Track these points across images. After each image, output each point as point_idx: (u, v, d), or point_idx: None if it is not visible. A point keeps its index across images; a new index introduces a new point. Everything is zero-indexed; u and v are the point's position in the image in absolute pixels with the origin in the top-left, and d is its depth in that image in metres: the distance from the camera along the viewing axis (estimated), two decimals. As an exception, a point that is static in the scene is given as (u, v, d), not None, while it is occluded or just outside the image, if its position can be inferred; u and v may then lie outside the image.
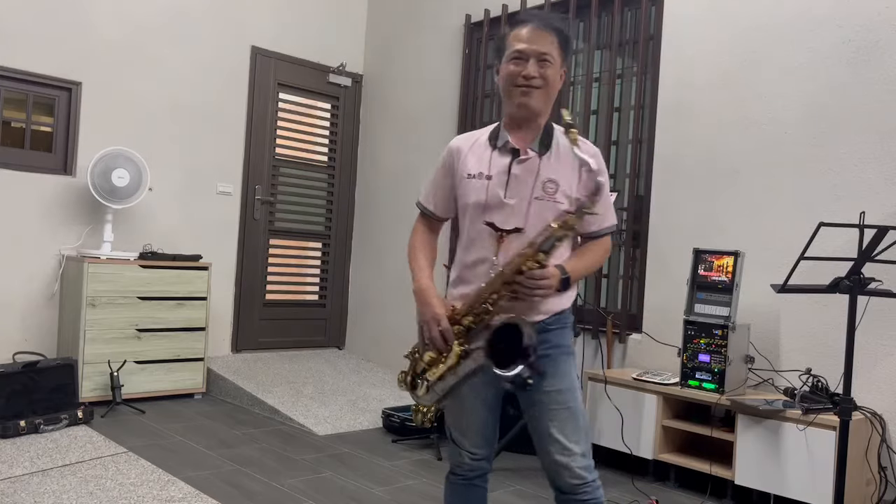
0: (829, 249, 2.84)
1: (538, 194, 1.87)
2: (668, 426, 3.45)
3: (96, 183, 4.37)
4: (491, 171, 1.91)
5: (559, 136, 1.93)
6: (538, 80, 1.86)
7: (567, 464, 1.87)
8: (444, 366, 1.87)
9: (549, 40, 1.87)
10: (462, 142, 2.01)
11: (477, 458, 2.01)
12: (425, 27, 5.41)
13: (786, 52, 3.56)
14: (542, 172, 1.89)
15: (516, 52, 1.87)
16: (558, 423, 1.88)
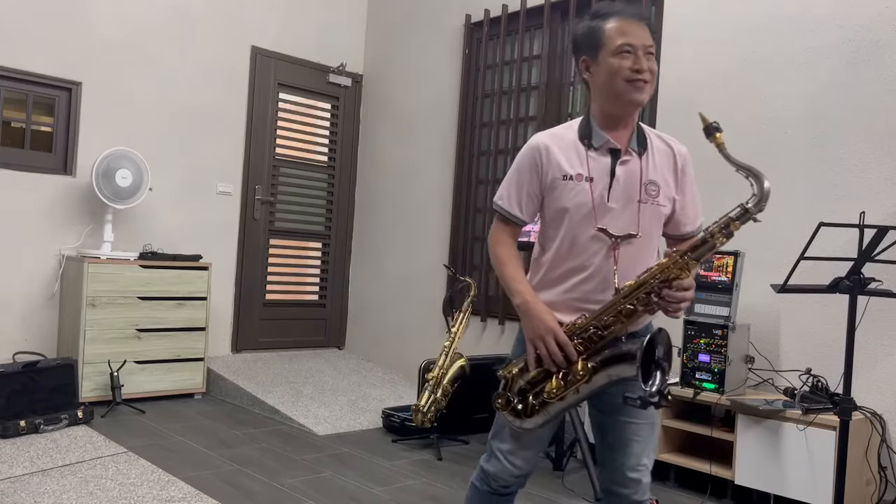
0: (829, 249, 2.84)
1: (642, 197, 1.78)
2: (668, 426, 3.44)
3: (100, 183, 4.37)
4: (591, 172, 1.77)
5: (651, 135, 1.85)
6: (647, 74, 1.75)
7: (639, 479, 1.81)
8: (565, 383, 1.70)
9: (647, 32, 1.77)
10: (548, 139, 1.83)
11: (518, 476, 1.87)
12: (425, 27, 5.41)
13: (786, 52, 3.56)
14: (644, 174, 1.79)
15: (626, 45, 1.73)
16: (640, 437, 1.79)
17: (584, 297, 1.78)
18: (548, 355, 1.70)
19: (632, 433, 1.79)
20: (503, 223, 1.88)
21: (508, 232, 1.88)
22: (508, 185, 1.86)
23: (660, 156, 1.83)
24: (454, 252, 5.02)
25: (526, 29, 4.77)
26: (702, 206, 1.90)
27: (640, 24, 1.76)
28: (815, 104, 3.45)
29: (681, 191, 1.85)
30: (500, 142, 4.89)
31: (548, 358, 1.71)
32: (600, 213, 1.76)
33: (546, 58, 4.64)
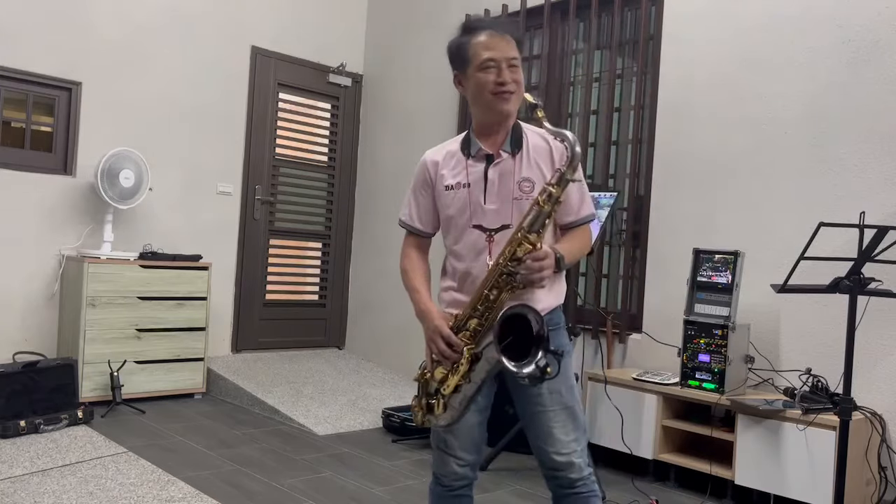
0: (829, 249, 2.84)
1: (516, 195, 1.88)
2: (668, 426, 3.45)
3: (104, 184, 4.37)
4: (469, 178, 1.92)
5: (529, 134, 1.95)
6: (512, 85, 1.88)
7: (568, 461, 1.88)
8: (457, 375, 1.82)
9: (512, 45, 1.89)
10: (434, 155, 2.02)
11: (464, 465, 1.95)
12: (425, 27, 5.41)
13: (786, 52, 3.56)
14: (518, 172, 1.90)
15: (489, 60, 1.87)
16: (559, 422, 1.88)
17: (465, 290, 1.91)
18: (439, 353, 1.83)
19: (549, 421, 1.88)
20: (407, 236, 2.09)
21: (414, 244, 2.07)
22: (408, 202, 2.08)
23: (536, 153, 1.92)
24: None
25: (526, 29, 4.76)
26: (585, 197, 1.95)
27: (503, 38, 1.88)
28: (815, 104, 3.45)
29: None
30: (500, 142, 4.88)
31: (439, 355, 1.84)
32: (477, 214, 1.90)
33: (546, 58, 4.64)
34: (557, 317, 1.94)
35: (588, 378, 3.72)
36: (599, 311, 4.16)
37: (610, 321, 4.01)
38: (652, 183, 4.03)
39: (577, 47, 4.58)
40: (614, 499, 3.21)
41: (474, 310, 1.82)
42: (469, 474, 1.98)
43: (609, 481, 3.41)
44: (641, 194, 4.12)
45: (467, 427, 1.92)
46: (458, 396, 1.83)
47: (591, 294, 4.36)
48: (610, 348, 3.98)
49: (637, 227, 4.12)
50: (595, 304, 4.25)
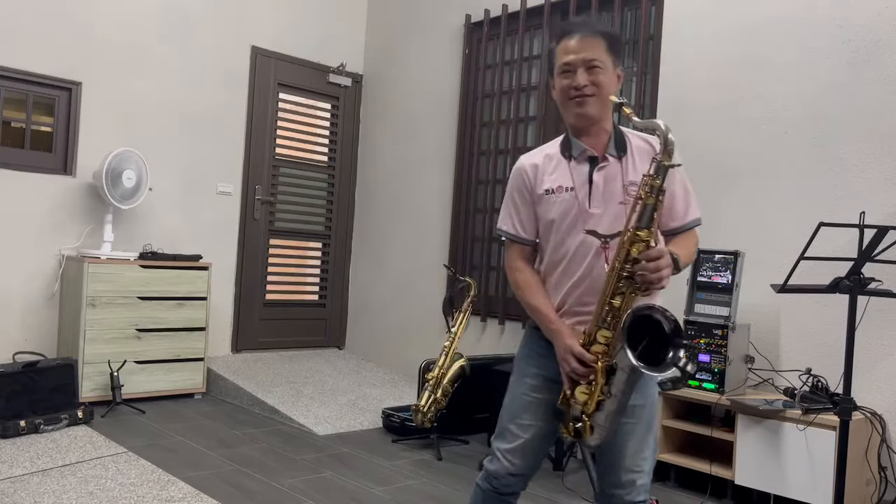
0: (829, 249, 2.84)
1: (622, 199, 1.81)
2: (668, 426, 3.45)
3: (109, 185, 4.37)
4: (573, 182, 1.84)
5: (631, 137, 1.89)
6: (590, 88, 1.82)
7: (634, 480, 1.83)
8: (596, 391, 1.72)
9: (595, 45, 1.83)
10: (532, 158, 1.94)
11: (514, 474, 1.90)
12: (425, 27, 5.41)
13: (786, 52, 3.56)
14: (625, 176, 1.83)
15: (565, 64, 1.84)
16: (635, 439, 1.82)
17: (578, 300, 1.83)
18: (573, 371, 1.74)
19: (627, 433, 1.81)
20: (513, 246, 1.96)
21: (520, 253, 1.95)
22: (507, 210, 1.96)
23: (640, 155, 1.86)
24: (454, 252, 5.02)
25: (526, 29, 4.77)
26: (694, 201, 1.93)
27: (584, 40, 1.83)
28: (815, 104, 3.45)
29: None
30: (500, 142, 4.89)
31: (573, 373, 1.74)
32: (583, 218, 1.82)
33: (546, 58, 4.64)
34: None
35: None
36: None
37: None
38: (652, 183, 4.03)
39: (577, 47, 4.57)
40: (614, 499, 3.21)
41: (601, 321, 1.73)
42: (519, 484, 1.94)
43: (609, 481, 3.41)
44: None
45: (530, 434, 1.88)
46: (601, 414, 1.72)
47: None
48: (610, 348, 3.97)
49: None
50: (595, 304, 4.24)
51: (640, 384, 1.75)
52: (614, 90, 1.86)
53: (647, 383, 1.81)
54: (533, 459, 1.91)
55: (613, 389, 1.70)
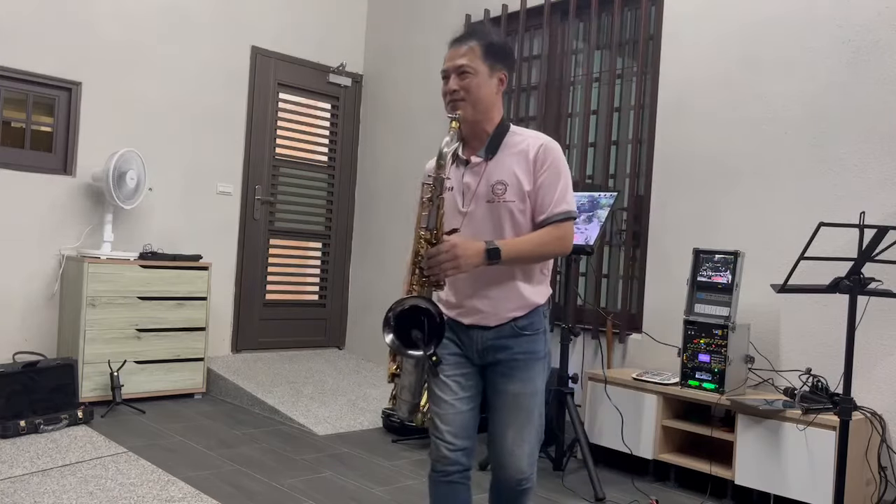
0: (829, 249, 2.84)
1: (489, 198, 1.96)
2: (668, 426, 3.45)
3: (114, 185, 4.36)
4: (453, 183, 2.01)
5: (511, 138, 2.01)
6: (460, 93, 1.96)
7: (516, 463, 1.98)
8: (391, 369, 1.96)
9: (466, 52, 1.97)
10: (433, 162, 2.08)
11: (454, 449, 2.00)
12: (425, 27, 5.41)
13: (786, 52, 3.56)
14: (491, 175, 1.97)
15: (442, 71, 2.01)
16: (516, 423, 1.97)
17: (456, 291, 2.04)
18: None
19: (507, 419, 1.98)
20: None
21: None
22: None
23: (511, 156, 1.98)
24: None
25: (526, 29, 4.77)
26: (562, 195, 1.97)
27: (459, 48, 1.98)
28: (815, 104, 3.45)
29: (534, 183, 1.97)
30: (500, 142, 4.88)
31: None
32: (456, 217, 1.98)
33: (546, 58, 4.64)
34: (537, 321, 2.00)
35: (588, 378, 3.72)
36: (599, 311, 4.16)
37: (610, 321, 4.01)
38: (652, 183, 4.04)
39: (577, 47, 4.58)
40: (614, 499, 3.21)
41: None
42: (461, 460, 2.01)
43: (609, 481, 3.41)
44: (641, 194, 4.12)
45: (454, 412, 1.99)
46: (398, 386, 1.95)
47: (591, 294, 4.36)
48: (610, 348, 3.98)
49: (637, 227, 4.12)
50: (595, 304, 4.25)
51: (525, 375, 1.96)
52: (489, 93, 1.98)
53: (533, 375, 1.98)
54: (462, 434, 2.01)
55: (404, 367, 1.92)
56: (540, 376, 2.01)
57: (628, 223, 4.19)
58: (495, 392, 2.01)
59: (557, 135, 4.56)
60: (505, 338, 1.97)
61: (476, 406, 2.04)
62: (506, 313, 1.97)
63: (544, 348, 2.03)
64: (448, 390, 2.00)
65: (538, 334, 2.00)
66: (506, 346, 1.97)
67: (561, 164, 1.96)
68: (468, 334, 2.01)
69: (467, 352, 2.02)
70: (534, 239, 1.95)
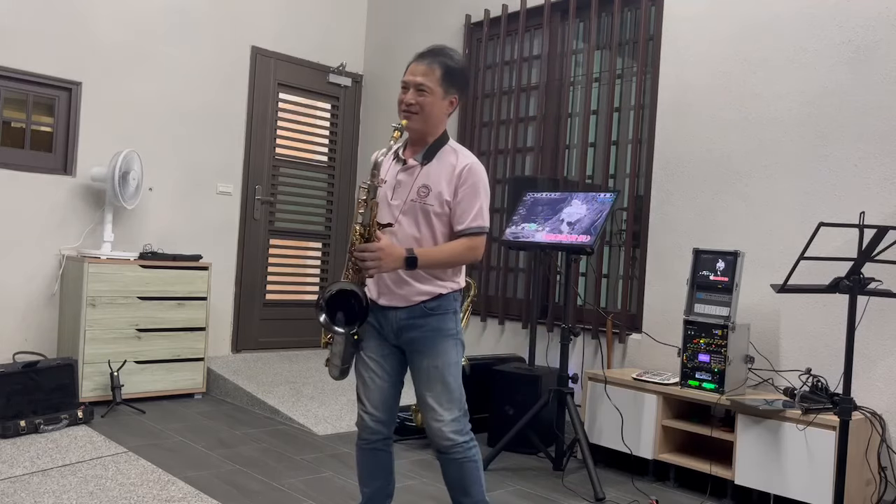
0: (829, 249, 2.84)
1: (413, 197, 2.25)
2: (668, 426, 3.45)
3: (118, 185, 4.36)
4: (387, 176, 2.29)
5: (448, 152, 2.29)
6: (415, 107, 2.25)
7: (440, 428, 2.24)
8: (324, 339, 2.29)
9: (428, 72, 2.26)
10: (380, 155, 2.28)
11: (376, 420, 2.33)
12: (425, 27, 5.41)
13: (786, 52, 3.56)
14: (419, 179, 2.26)
15: (403, 81, 2.30)
16: (433, 393, 2.25)
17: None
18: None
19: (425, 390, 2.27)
20: None
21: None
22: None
23: (442, 167, 2.27)
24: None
25: (526, 29, 4.77)
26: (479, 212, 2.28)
27: (422, 65, 2.29)
28: (815, 104, 3.45)
29: (454, 196, 2.26)
30: (500, 142, 4.89)
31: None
32: (385, 207, 2.27)
33: (546, 58, 4.64)
34: (448, 305, 2.28)
35: (588, 378, 3.72)
36: (599, 311, 4.16)
37: (610, 321, 4.01)
38: (652, 183, 4.04)
39: (577, 47, 4.58)
40: (614, 499, 3.21)
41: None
42: (383, 430, 2.35)
43: (609, 481, 3.41)
44: (641, 194, 4.12)
45: (377, 387, 2.32)
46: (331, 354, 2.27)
47: (591, 294, 4.36)
48: (610, 348, 3.98)
49: (637, 227, 4.12)
50: (595, 304, 4.25)
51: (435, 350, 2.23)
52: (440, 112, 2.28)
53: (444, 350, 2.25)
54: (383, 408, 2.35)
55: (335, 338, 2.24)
56: (452, 350, 2.27)
57: (628, 223, 4.19)
58: (413, 369, 2.29)
59: (557, 135, 4.56)
60: (416, 317, 2.24)
61: (396, 383, 2.35)
62: (416, 297, 2.25)
63: (455, 326, 2.29)
64: (369, 369, 2.32)
65: (447, 314, 2.27)
66: (417, 325, 2.24)
67: (480, 185, 2.26)
68: (385, 315, 2.28)
69: (386, 334, 2.30)
70: (447, 249, 2.24)
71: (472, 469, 2.27)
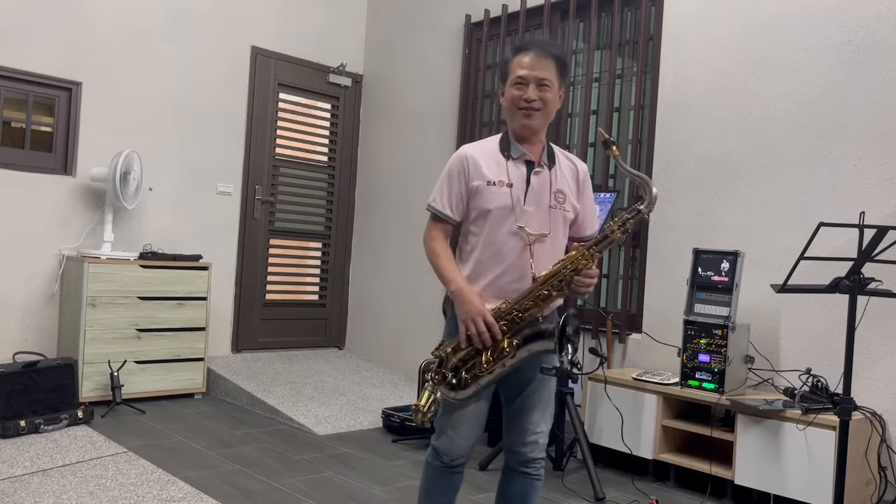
0: (829, 249, 2.84)
1: (552, 203, 2.09)
2: (668, 426, 3.45)
3: (119, 186, 4.36)
4: (511, 179, 2.08)
5: (558, 152, 2.18)
6: (538, 103, 2.07)
7: (536, 440, 2.14)
8: (493, 358, 2.00)
9: (547, 66, 2.08)
10: (473, 149, 2.16)
11: (464, 447, 2.15)
12: (425, 27, 5.41)
13: (786, 52, 3.56)
14: (553, 183, 2.11)
15: (519, 77, 2.08)
16: (539, 405, 2.13)
17: (504, 286, 2.07)
18: (477, 334, 1.99)
19: (530, 404, 2.13)
20: (436, 222, 2.18)
21: (441, 230, 2.18)
22: (440, 189, 2.16)
23: (565, 170, 2.16)
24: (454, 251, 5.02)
25: (526, 29, 4.77)
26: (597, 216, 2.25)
27: (540, 60, 2.08)
28: (815, 104, 3.45)
29: (581, 200, 2.18)
30: (500, 142, 4.88)
31: (477, 337, 2.00)
32: (518, 213, 2.07)
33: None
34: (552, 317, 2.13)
35: (588, 378, 3.72)
36: (599, 311, 4.16)
37: (610, 321, 4.01)
38: (652, 183, 4.03)
39: (577, 47, 4.58)
40: (614, 499, 3.21)
41: (521, 304, 2.01)
42: (469, 454, 2.18)
43: (609, 481, 3.41)
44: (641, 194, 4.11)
45: (478, 414, 2.12)
46: (488, 378, 2.02)
47: (591, 294, 4.35)
48: (610, 348, 3.98)
49: (637, 227, 4.12)
50: (595, 304, 4.25)
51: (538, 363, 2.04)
52: (556, 108, 2.13)
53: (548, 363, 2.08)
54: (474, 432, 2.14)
55: (508, 363, 2.00)
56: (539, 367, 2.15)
57: (628, 223, 4.18)
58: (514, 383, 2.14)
59: (557, 135, 4.56)
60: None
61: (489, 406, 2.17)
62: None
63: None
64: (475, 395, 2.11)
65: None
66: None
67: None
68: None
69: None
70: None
71: (539, 488, 2.20)
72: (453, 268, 2.11)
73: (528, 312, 2.00)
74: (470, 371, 2.02)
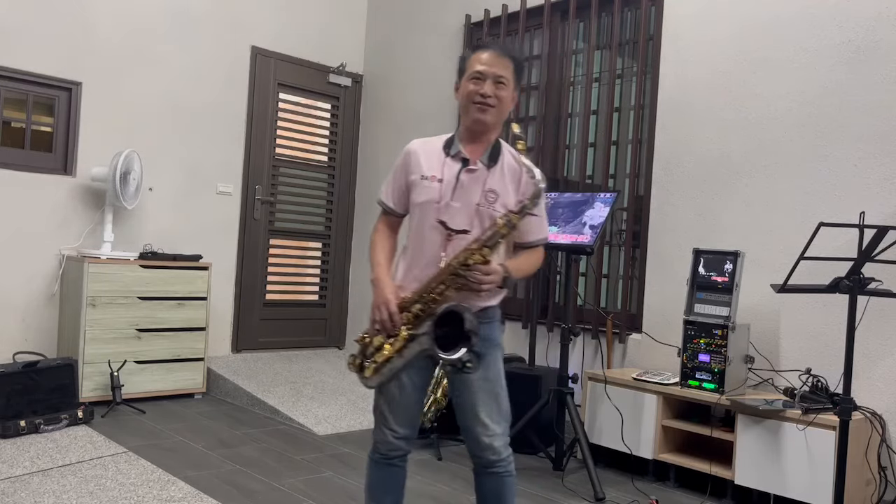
0: (829, 249, 2.84)
1: (480, 202, 2.09)
2: (668, 426, 3.45)
3: (119, 186, 4.36)
4: (443, 175, 2.11)
5: (505, 153, 2.15)
6: (493, 99, 2.09)
7: (490, 443, 2.11)
8: (392, 349, 2.06)
9: (505, 65, 2.11)
10: (418, 145, 2.20)
11: (398, 437, 2.17)
12: (425, 27, 5.42)
13: (786, 52, 3.56)
14: (487, 183, 2.10)
15: (476, 72, 2.10)
16: (485, 407, 2.11)
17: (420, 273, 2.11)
18: (380, 322, 2.07)
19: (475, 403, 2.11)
20: (383, 214, 2.26)
21: (386, 222, 2.26)
22: (387, 183, 2.24)
23: (508, 171, 2.13)
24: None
25: (526, 29, 4.77)
26: (544, 223, 2.20)
27: (499, 58, 2.10)
28: (815, 104, 3.45)
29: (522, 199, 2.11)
30: (500, 142, 4.88)
31: (378, 323, 2.07)
32: (441, 208, 2.10)
33: (546, 58, 4.64)
34: (492, 313, 2.16)
35: (588, 378, 3.72)
36: (599, 311, 4.16)
37: (610, 321, 4.01)
38: (652, 183, 4.03)
39: (577, 47, 4.58)
40: (614, 499, 3.21)
41: (420, 297, 2.05)
42: (403, 446, 2.19)
43: (609, 481, 3.41)
44: (641, 194, 4.12)
45: (404, 404, 2.15)
46: (388, 366, 2.07)
47: (591, 294, 4.36)
48: (610, 348, 3.98)
49: (637, 227, 4.12)
50: (595, 304, 4.25)
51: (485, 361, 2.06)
52: (509, 109, 2.15)
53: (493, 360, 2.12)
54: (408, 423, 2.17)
55: (406, 353, 2.05)
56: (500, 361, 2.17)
57: (628, 223, 4.19)
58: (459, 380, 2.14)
59: (557, 135, 4.57)
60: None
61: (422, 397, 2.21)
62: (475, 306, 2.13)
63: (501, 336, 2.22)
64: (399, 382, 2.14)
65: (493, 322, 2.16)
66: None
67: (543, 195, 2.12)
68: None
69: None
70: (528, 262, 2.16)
71: (512, 483, 2.18)
72: (379, 259, 2.18)
73: (428, 306, 2.04)
74: (377, 359, 2.08)
